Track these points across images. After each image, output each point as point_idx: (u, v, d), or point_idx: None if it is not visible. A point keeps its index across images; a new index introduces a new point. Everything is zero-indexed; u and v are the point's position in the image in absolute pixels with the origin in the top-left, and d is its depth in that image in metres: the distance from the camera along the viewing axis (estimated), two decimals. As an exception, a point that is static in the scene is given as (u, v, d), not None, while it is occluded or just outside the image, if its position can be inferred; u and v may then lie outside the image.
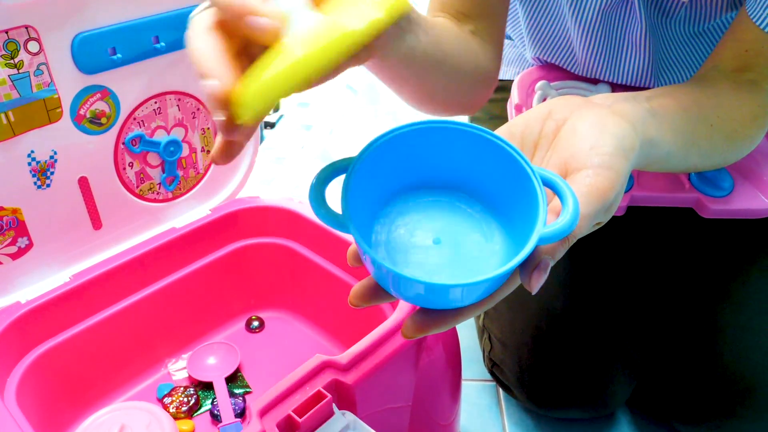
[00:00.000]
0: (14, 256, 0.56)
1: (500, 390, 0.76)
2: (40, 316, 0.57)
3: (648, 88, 0.67)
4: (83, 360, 0.60)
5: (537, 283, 0.32)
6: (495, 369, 0.71)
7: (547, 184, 0.34)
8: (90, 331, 0.60)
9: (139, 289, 0.64)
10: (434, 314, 0.35)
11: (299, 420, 0.45)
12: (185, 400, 0.62)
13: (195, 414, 0.62)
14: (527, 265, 0.32)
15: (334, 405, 0.47)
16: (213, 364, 0.66)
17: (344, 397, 0.49)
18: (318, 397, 0.47)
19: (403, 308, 0.54)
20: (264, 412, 0.46)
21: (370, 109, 1.41)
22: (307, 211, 0.68)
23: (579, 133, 0.36)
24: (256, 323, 0.72)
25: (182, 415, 0.61)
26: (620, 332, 0.65)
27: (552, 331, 0.65)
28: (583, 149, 0.35)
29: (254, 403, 0.46)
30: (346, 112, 1.39)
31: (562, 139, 0.37)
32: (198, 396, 0.63)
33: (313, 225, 0.67)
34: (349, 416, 0.47)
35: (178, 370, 0.67)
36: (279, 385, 0.47)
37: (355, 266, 0.38)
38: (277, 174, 1.19)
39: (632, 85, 0.65)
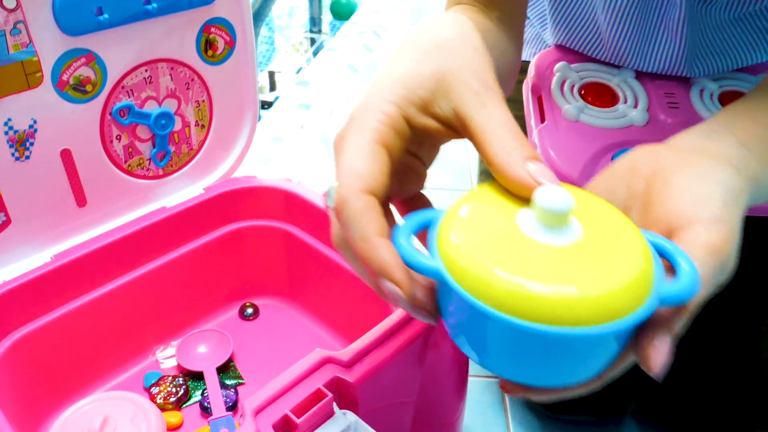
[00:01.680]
0: (-11, 234, 0.52)
1: (505, 386, 0.72)
2: (18, 298, 0.52)
3: (680, 77, 0.62)
4: (64, 346, 0.56)
5: (657, 361, 0.27)
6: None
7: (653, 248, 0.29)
8: (72, 316, 0.56)
9: (126, 272, 0.59)
10: None
11: (297, 420, 0.41)
12: (173, 390, 0.58)
13: (184, 405, 0.59)
14: (645, 336, 0.28)
15: (334, 404, 0.43)
16: (204, 353, 0.62)
17: (345, 396, 0.45)
18: (318, 395, 0.43)
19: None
20: (258, 411, 0.42)
21: (372, 89, 1.36)
22: (307, 193, 0.63)
23: (677, 186, 0.32)
24: (250, 310, 0.68)
25: (170, 407, 0.57)
26: None
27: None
28: (687, 204, 0.31)
29: (248, 401, 0.42)
30: (347, 92, 1.35)
31: (657, 195, 0.32)
32: (187, 386, 0.59)
33: (313, 209, 0.62)
34: (351, 416, 0.44)
35: (166, 358, 0.63)
36: (275, 382, 0.43)
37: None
38: (275, 154, 1.14)
39: (663, 73, 0.61)
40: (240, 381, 0.61)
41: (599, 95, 0.70)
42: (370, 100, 0.31)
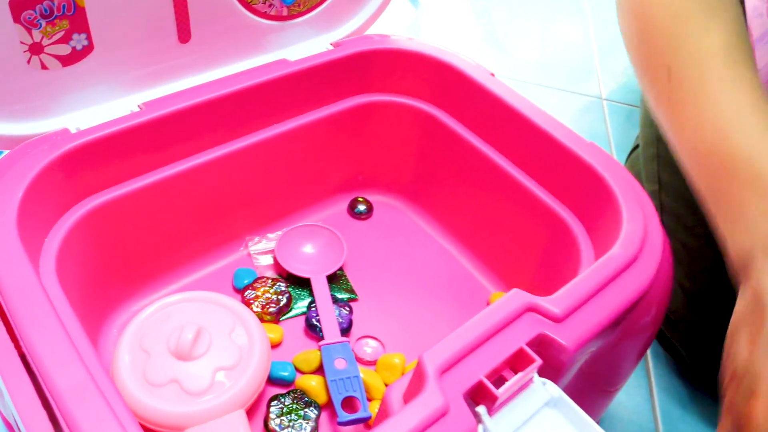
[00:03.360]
0: (65, 61, 0.37)
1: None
2: (94, 155, 0.39)
3: None
4: (146, 223, 0.44)
5: None
6: (663, 324, 0.54)
7: None
8: (159, 186, 0.43)
9: (227, 138, 0.46)
10: None
11: (496, 392, 0.29)
12: (274, 298, 0.46)
13: (283, 318, 0.47)
14: None
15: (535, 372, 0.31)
16: (309, 255, 0.50)
17: (548, 360, 0.32)
18: (519, 357, 0.31)
19: (633, 239, 0.36)
20: (443, 372, 0.29)
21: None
22: (466, 66, 0.48)
23: None
24: (362, 207, 0.55)
25: (268, 318, 0.46)
26: None
27: None
28: None
29: (429, 356, 0.29)
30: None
31: None
32: (290, 295, 0.47)
33: (474, 88, 0.47)
34: (552, 389, 0.31)
35: (260, 253, 0.50)
36: (461, 333, 0.30)
37: None
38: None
39: None
40: (353, 296, 0.48)
41: None
42: None
